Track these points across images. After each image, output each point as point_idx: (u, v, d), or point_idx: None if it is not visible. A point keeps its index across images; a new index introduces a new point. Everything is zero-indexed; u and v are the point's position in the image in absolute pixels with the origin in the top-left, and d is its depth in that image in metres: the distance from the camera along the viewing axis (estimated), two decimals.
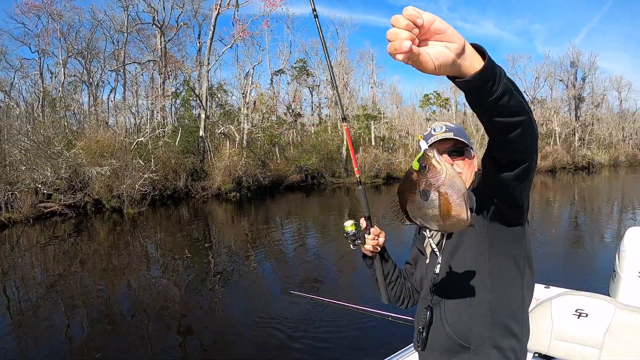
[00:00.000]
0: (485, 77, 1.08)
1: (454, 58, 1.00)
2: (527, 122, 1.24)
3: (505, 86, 1.13)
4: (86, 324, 7.28)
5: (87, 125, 26.34)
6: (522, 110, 1.21)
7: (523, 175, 1.44)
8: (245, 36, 31.81)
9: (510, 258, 1.69)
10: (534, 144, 1.34)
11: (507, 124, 1.22)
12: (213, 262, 11.61)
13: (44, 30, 29.82)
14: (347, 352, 5.83)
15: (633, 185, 33.49)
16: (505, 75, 1.14)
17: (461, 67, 1.04)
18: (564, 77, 58.93)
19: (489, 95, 1.13)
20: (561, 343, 3.29)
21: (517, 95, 1.17)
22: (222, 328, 7.02)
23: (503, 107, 1.17)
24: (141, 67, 34.09)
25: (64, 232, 16.25)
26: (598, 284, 6.56)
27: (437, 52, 0.98)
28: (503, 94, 1.13)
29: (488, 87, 1.11)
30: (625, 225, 4.64)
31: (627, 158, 58.40)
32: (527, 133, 1.26)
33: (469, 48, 1.05)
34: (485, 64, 1.06)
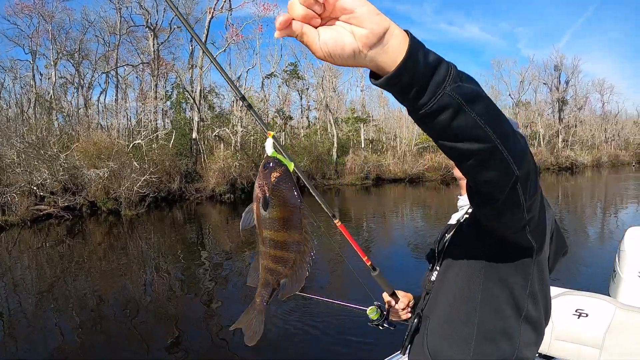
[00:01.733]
0: (399, 83, 0.81)
1: (357, 48, 0.76)
2: (485, 152, 0.91)
3: (447, 100, 0.82)
4: (80, 327, 7.15)
5: (80, 127, 26.03)
6: (476, 135, 0.88)
7: (498, 214, 1.14)
8: (238, 40, 31.70)
9: (508, 292, 1.40)
10: (503, 179, 0.99)
11: (453, 149, 0.92)
12: (208, 264, 11.50)
13: (35, 31, 29.46)
14: (344, 351, 5.77)
15: (616, 184, 34.02)
16: (455, 84, 0.83)
17: (378, 63, 0.79)
18: (548, 81, 59.57)
19: (415, 107, 0.85)
20: (561, 343, 3.27)
21: (471, 114, 0.85)
22: (218, 329, 6.94)
23: (442, 127, 0.87)
24: (134, 69, 33.79)
25: (60, 235, 16.00)
26: (598, 284, 6.56)
27: (332, 38, 0.76)
28: (440, 110, 0.83)
29: (411, 96, 0.83)
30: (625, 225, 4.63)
31: (609, 159, 59.21)
32: (489, 165, 0.94)
33: (396, 38, 0.78)
34: (399, 65, 0.78)
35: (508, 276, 1.40)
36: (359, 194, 29.30)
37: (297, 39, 0.78)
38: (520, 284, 1.40)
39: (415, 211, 22.42)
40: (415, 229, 16.84)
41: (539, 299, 1.44)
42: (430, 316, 1.57)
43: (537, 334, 1.46)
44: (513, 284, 1.40)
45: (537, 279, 1.42)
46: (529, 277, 1.39)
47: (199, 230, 17.19)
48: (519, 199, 1.06)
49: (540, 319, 1.46)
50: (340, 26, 0.76)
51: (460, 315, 1.46)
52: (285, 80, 41.71)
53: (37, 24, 29.41)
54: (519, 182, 1.00)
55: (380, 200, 26.88)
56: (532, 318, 1.43)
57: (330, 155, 36.20)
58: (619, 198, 24.47)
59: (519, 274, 1.39)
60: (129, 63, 33.15)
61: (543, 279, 1.44)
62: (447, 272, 1.57)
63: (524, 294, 1.40)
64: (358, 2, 0.74)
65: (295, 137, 39.87)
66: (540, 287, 1.44)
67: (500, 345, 1.40)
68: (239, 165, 26.76)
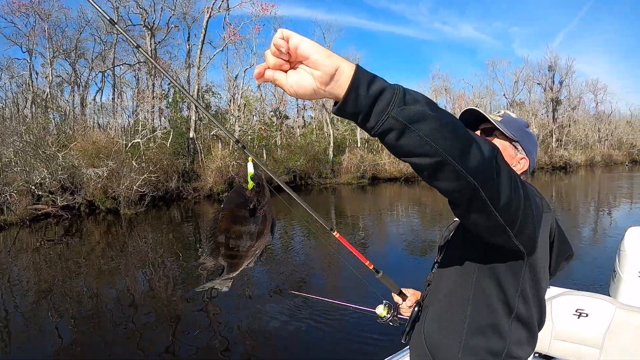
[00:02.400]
0: (345, 113, 0.96)
1: (316, 86, 0.93)
2: (433, 165, 1.00)
3: (391, 123, 0.94)
4: (77, 327, 7.09)
5: (77, 127, 25.89)
6: (423, 151, 0.97)
7: (465, 220, 1.21)
8: (236, 39, 31.61)
9: (499, 288, 1.44)
10: (456, 189, 1.06)
11: (410, 164, 1.03)
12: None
13: (32, 29, 29.27)
14: (343, 351, 5.75)
15: (611, 183, 34.23)
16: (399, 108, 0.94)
17: (333, 95, 0.95)
18: (542, 81, 59.75)
19: (367, 130, 0.98)
20: (561, 343, 3.26)
21: (416, 132, 0.95)
22: (215, 328, 6.91)
23: (390, 146, 0.99)
24: (131, 68, 33.63)
25: (58, 235, 15.90)
26: (598, 284, 6.57)
27: (296, 80, 0.95)
28: (385, 132, 0.96)
29: (359, 122, 0.97)
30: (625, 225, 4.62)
31: (602, 158, 59.54)
32: (440, 177, 1.03)
33: (345, 75, 0.92)
34: (343, 98, 0.94)
35: (500, 275, 1.43)
36: (355, 193, 29.31)
37: (272, 83, 0.97)
38: (511, 284, 1.43)
39: (411, 210, 22.48)
40: (411, 227, 16.89)
41: (530, 300, 1.46)
42: (429, 306, 1.63)
43: (530, 334, 1.49)
44: (504, 283, 1.43)
45: (529, 281, 1.44)
46: (519, 278, 1.42)
47: (197, 229, 17.14)
48: (485, 206, 1.10)
49: (532, 320, 1.49)
50: (302, 69, 0.94)
51: (453, 307, 1.52)
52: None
53: (33, 22, 29.28)
54: (480, 189, 1.05)
55: (376, 199, 26.89)
56: (523, 318, 1.46)
57: (327, 155, 36.20)
58: (617, 197, 24.57)
59: (510, 273, 1.42)
60: (126, 62, 33.00)
61: (536, 282, 1.46)
62: (446, 265, 1.63)
63: (515, 293, 1.43)
64: (312, 50, 0.91)
65: (292, 137, 39.86)
66: (533, 289, 1.47)
67: (489, 339, 1.44)
68: (237, 164, 26.80)
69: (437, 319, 1.57)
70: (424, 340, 1.58)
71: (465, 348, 1.46)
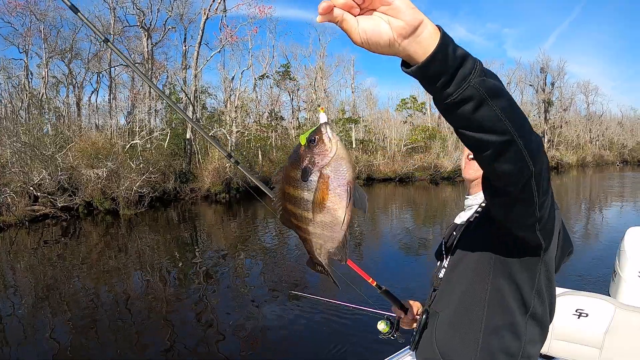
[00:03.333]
0: (429, 73, 0.86)
1: (393, 37, 0.81)
2: (502, 144, 0.96)
3: (471, 92, 0.88)
4: (74, 328, 7.04)
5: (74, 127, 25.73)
6: (496, 127, 0.93)
7: (510, 209, 1.18)
8: (233, 41, 31.51)
9: (515, 288, 1.42)
10: (518, 173, 1.03)
11: (472, 139, 0.97)
12: (204, 263, 11.41)
13: (27, 30, 29.03)
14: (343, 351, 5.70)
15: (606, 182, 34.57)
16: (480, 77, 0.88)
17: (410, 52, 0.84)
18: (534, 82, 60.03)
19: (441, 97, 0.90)
20: (561, 343, 3.24)
21: (492, 106, 0.90)
22: (213, 329, 6.86)
23: (463, 118, 0.92)
24: (128, 69, 33.38)
25: (57, 236, 15.75)
26: (598, 284, 6.56)
27: (370, 26, 0.81)
28: (464, 101, 0.89)
29: (438, 86, 0.88)
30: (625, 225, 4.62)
31: (593, 158, 59.98)
32: (506, 158, 0.99)
33: (428, 31, 0.83)
34: (430, 55, 0.84)
35: (516, 273, 1.40)
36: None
37: (337, 24, 0.82)
38: (527, 281, 1.41)
39: (405, 210, 22.56)
40: (405, 226, 16.99)
41: (545, 297, 1.45)
42: (439, 312, 1.59)
43: (542, 331, 1.48)
44: (520, 281, 1.41)
45: (544, 277, 1.43)
46: (536, 275, 1.41)
47: (195, 230, 17.08)
48: (532, 195, 1.09)
49: (545, 316, 1.47)
50: (377, 16, 0.81)
51: (468, 310, 1.48)
52: (276, 81, 41.61)
53: (29, 22, 29.05)
54: (533, 177, 1.04)
55: (371, 199, 26.87)
56: (538, 315, 1.44)
57: None
58: (614, 197, 24.80)
59: (526, 271, 1.40)
60: (122, 63, 32.77)
61: (550, 278, 1.45)
62: (456, 268, 1.59)
63: (531, 291, 1.41)
64: None
65: (287, 138, 39.82)
66: (547, 285, 1.45)
67: (506, 340, 1.41)
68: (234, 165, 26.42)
69: (450, 324, 1.53)
70: (436, 348, 1.54)
71: (483, 350, 1.42)
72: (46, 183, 18.44)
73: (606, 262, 7.29)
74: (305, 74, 44.17)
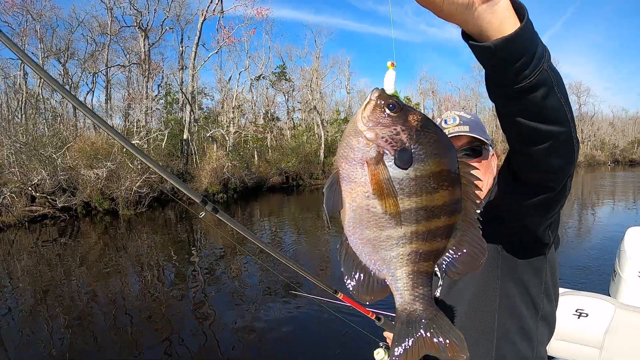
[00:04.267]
0: (512, 49, 0.76)
1: (470, 1, 0.73)
2: (562, 136, 0.89)
3: (545, 75, 0.80)
4: (70, 328, 6.96)
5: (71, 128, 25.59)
6: (559, 118, 0.87)
7: (543, 207, 1.11)
8: (231, 42, 31.43)
9: (524, 292, 1.37)
10: (565, 169, 0.98)
11: (533, 130, 0.89)
12: (202, 263, 11.35)
13: (23, 29, 28.78)
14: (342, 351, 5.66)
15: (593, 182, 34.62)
16: (550, 62, 0.81)
17: (483, 22, 0.76)
18: None
19: (515, 79, 0.80)
20: (561, 343, 3.22)
21: (558, 94, 0.84)
22: (211, 329, 6.82)
23: (533, 104, 0.83)
24: (123, 69, 33.23)
25: (56, 236, 15.58)
26: (598, 284, 6.54)
27: None
28: (538, 85, 0.80)
29: (517, 66, 0.78)
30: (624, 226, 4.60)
31: (585, 159, 60.22)
32: (559, 152, 0.93)
33: (505, 2, 0.75)
34: (519, 29, 0.75)
35: (523, 276, 1.36)
36: None
37: None
38: (535, 283, 1.37)
39: None
40: None
41: (552, 296, 1.42)
42: None
43: (550, 329, 1.45)
44: (529, 283, 1.36)
45: (550, 276, 1.40)
46: (542, 275, 1.37)
47: (193, 230, 16.99)
48: (566, 191, 1.05)
49: (553, 315, 1.45)
50: None
51: (478, 321, 1.40)
52: (272, 82, 41.55)
53: (24, 22, 28.81)
54: (572, 168, 1.00)
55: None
56: (548, 315, 1.41)
57: (318, 156, 36.15)
58: (614, 197, 24.90)
59: (533, 272, 1.37)
60: (120, 64, 32.66)
61: (555, 275, 1.43)
62: (455, 284, 1.49)
63: (540, 292, 1.38)
64: None
65: (282, 138, 39.79)
66: (553, 283, 1.43)
67: (520, 346, 1.36)
68: (232, 165, 26.68)
69: None
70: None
71: (499, 353, 1.36)
72: (45, 183, 18.29)
73: (606, 262, 7.28)
74: (301, 75, 44.16)
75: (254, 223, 18.25)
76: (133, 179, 20.35)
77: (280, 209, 23.28)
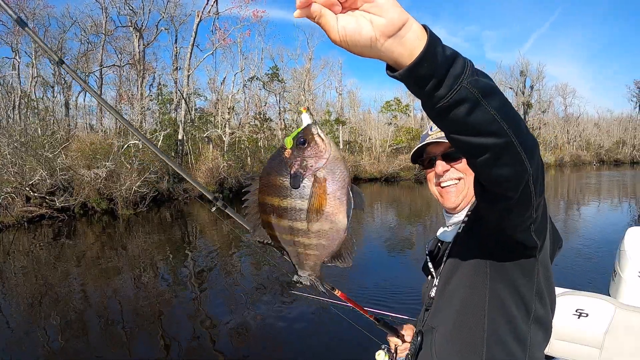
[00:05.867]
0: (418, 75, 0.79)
1: (375, 36, 0.75)
2: (498, 147, 0.89)
3: (465, 93, 0.81)
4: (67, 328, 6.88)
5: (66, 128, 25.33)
6: (491, 129, 0.86)
7: (508, 212, 1.11)
8: (226, 44, 31.26)
9: (515, 293, 1.35)
10: (517, 176, 0.97)
11: (467, 144, 0.90)
12: (200, 263, 11.29)
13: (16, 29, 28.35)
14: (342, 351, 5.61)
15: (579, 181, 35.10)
16: (473, 77, 0.81)
17: (394, 55, 0.77)
18: (513, 85, 60.59)
19: (432, 100, 0.83)
20: (561, 343, 3.19)
21: (486, 107, 0.84)
22: (208, 329, 6.75)
23: (457, 122, 0.85)
24: (115, 69, 32.90)
25: (53, 237, 15.35)
26: (598, 284, 6.53)
27: (351, 23, 0.75)
28: (457, 103, 0.82)
29: (429, 89, 0.81)
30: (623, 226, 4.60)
31: (571, 158, 60.84)
32: (503, 162, 0.92)
33: (414, 32, 0.77)
34: (419, 55, 0.77)
35: (514, 277, 1.34)
36: None
37: (314, 21, 0.76)
38: (527, 285, 1.34)
39: (390, 208, 22.71)
40: (389, 225, 17.13)
41: (546, 298, 1.38)
42: (436, 329, 1.49)
43: (546, 332, 1.42)
44: (520, 285, 1.34)
45: (543, 278, 1.36)
46: (534, 277, 1.34)
47: (190, 229, 16.92)
48: (530, 198, 1.03)
49: (548, 317, 1.41)
50: (359, 15, 0.75)
51: (468, 322, 1.39)
52: (265, 83, 41.40)
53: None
54: (531, 179, 0.99)
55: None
56: (541, 317, 1.38)
57: None
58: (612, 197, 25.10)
59: (524, 274, 1.34)
60: (114, 64, 32.35)
61: (548, 277, 1.39)
62: (448, 284, 1.50)
63: (531, 293, 1.35)
64: None
65: (273, 139, 39.68)
66: (547, 285, 1.39)
67: (511, 348, 1.33)
68: (228, 165, 26.62)
69: (450, 339, 1.43)
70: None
71: (489, 353, 1.34)
72: (42, 183, 18.05)
73: (606, 262, 7.27)
74: (293, 76, 44.07)
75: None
76: (133, 178, 20.20)
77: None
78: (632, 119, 72.96)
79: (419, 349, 1.54)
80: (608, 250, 9.79)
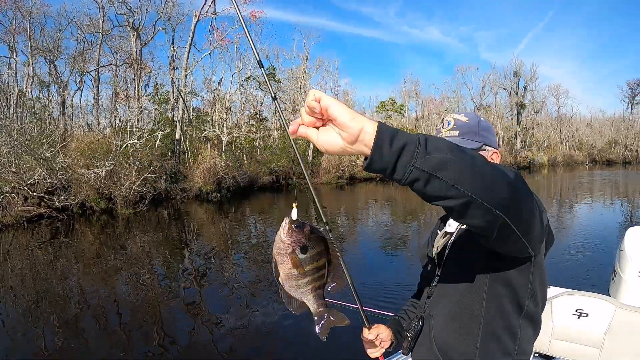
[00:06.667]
0: (375, 168, 0.96)
1: (343, 146, 0.96)
2: (461, 207, 0.99)
3: (417, 174, 0.94)
4: (67, 328, 6.86)
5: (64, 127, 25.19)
6: (450, 195, 0.97)
7: (489, 245, 1.23)
8: (224, 44, 31.14)
9: (511, 291, 1.46)
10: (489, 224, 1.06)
11: (438, 204, 1.02)
12: (200, 262, 11.27)
13: (13, 27, 28.14)
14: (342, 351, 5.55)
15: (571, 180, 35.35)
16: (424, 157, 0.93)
17: (360, 152, 0.96)
18: (507, 86, 60.70)
19: (395, 180, 0.99)
20: (561, 343, 3.18)
21: (441, 179, 0.95)
22: (206, 328, 6.72)
23: (419, 192, 1.00)
24: (112, 68, 32.69)
25: (52, 236, 15.28)
26: (598, 284, 6.52)
27: (327, 138, 0.98)
28: (413, 182, 0.97)
29: (388, 174, 0.97)
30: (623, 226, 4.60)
31: (564, 158, 61.13)
32: (471, 215, 1.02)
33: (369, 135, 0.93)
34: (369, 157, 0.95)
35: (512, 279, 1.45)
36: (333, 192, 29.44)
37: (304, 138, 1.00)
38: (522, 285, 1.45)
39: (385, 207, 22.89)
40: (384, 223, 17.21)
41: (538, 297, 1.49)
42: (436, 314, 1.61)
43: (535, 328, 1.53)
44: (516, 286, 1.45)
45: (537, 278, 1.47)
46: (529, 278, 1.45)
47: (188, 229, 16.85)
48: (511, 233, 1.13)
49: (538, 314, 1.52)
50: (332, 128, 0.97)
51: (466, 312, 1.51)
52: (260, 83, 41.31)
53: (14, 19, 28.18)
54: (508, 220, 1.07)
55: (353, 197, 27.18)
56: (532, 314, 1.49)
57: (306, 156, 36.07)
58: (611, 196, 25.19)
59: (521, 276, 1.45)
60: (111, 63, 32.14)
61: (542, 277, 1.50)
62: (450, 274, 1.62)
63: (526, 293, 1.46)
64: (339, 112, 0.93)
65: (269, 139, 39.61)
66: (540, 285, 1.50)
67: (504, 342, 1.46)
68: (225, 165, 26.57)
69: (449, 324, 1.55)
70: (435, 348, 1.57)
71: (482, 352, 1.47)
72: (41, 183, 17.93)
73: (606, 262, 7.26)
74: (289, 76, 43.95)
75: (248, 222, 18.40)
76: (133, 178, 20.15)
77: (273, 207, 23.22)
78: (624, 120, 73.40)
79: (418, 334, 1.66)
80: (608, 250, 9.87)
